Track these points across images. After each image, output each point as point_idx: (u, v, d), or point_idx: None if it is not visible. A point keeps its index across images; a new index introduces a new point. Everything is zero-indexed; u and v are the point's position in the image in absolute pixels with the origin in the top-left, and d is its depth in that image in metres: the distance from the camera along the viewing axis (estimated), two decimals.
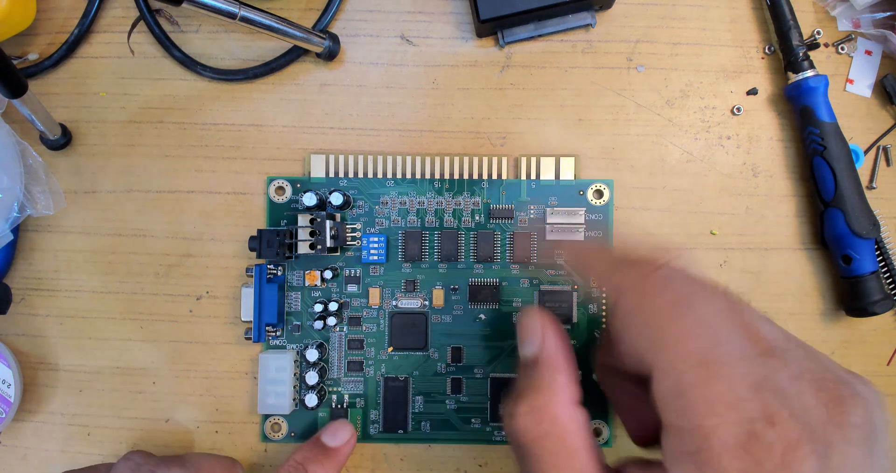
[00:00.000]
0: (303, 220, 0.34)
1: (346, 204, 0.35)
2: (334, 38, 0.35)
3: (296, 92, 0.36)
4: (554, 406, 0.24)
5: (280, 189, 0.36)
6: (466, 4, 0.36)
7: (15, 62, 0.35)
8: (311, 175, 0.35)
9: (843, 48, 0.36)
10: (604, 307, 0.35)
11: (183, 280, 0.36)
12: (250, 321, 0.34)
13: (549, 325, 0.27)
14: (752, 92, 0.36)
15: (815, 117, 0.34)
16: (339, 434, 0.32)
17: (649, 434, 0.26)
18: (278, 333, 0.35)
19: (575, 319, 0.35)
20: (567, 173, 0.36)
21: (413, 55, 0.36)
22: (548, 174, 0.35)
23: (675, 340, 0.22)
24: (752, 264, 0.36)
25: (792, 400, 0.20)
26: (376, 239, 0.35)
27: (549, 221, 0.35)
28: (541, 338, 0.26)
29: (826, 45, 0.36)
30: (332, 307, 0.35)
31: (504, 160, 0.36)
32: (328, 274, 0.34)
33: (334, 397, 0.35)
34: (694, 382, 0.21)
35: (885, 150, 0.36)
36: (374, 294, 0.35)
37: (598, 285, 0.34)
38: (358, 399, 0.35)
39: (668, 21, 0.36)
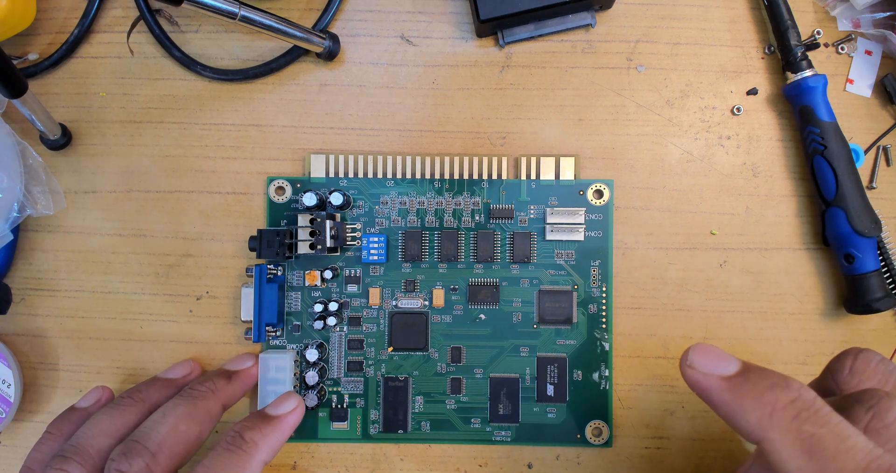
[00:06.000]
0: (303, 220, 0.34)
1: (346, 204, 0.35)
2: (334, 38, 0.35)
3: (296, 92, 0.36)
4: None
5: (280, 189, 0.36)
6: (466, 4, 0.36)
7: (15, 62, 0.35)
8: (311, 175, 0.35)
9: (843, 48, 0.36)
10: (604, 307, 0.35)
11: (183, 280, 0.36)
12: (250, 321, 0.34)
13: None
14: (752, 92, 0.36)
15: (814, 117, 0.34)
16: (282, 405, 0.31)
17: None
18: (278, 333, 0.35)
19: (575, 319, 0.35)
20: (567, 173, 0.36)
21: (413, 55, 0.36)
22: (548, 174, 0.35)
23: None
24: (752, 264, 0.36)
25: None
26: (376, 239, 0.35)
27: (549, 221, 0.35)
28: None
29: (826, 45, 0.36)
30: (332, 306, 0.35)
31: (504, 160, 0.36)
32: (328, 274, 0.34)
33: (334, 397, 0.35)
34: None
35: (885, 150, 0.36)
36: (374, 294, 0.35)
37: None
38: (358, 399, 0.35)
39: (668, 21, 0.36)
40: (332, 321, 0.34)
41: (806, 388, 0.22)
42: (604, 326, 0.35)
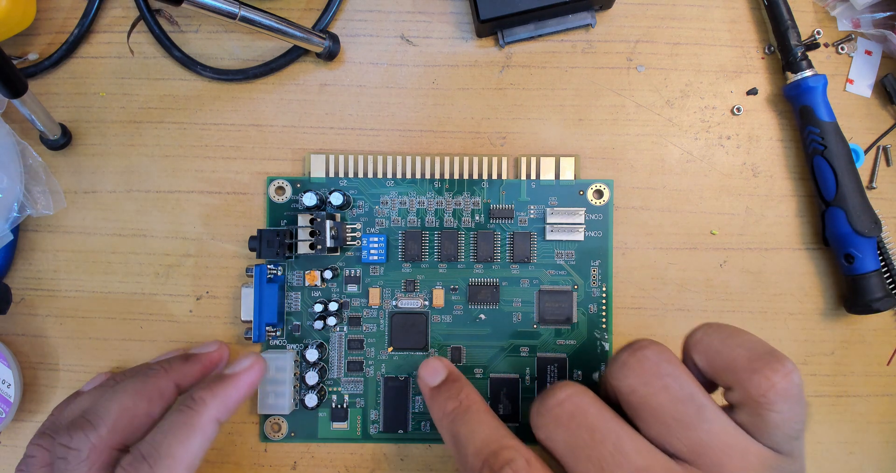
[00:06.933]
0: (303, 220, 0.34)
1: (346, 204, 0.35)
2: (334, 38, 0.35)
3: (296, 92, 0.36)
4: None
5: (280, 189, 0.36)
6: (466, 4, 0.36)
7: (15, 62, 0.35)
8: (311, 175, 0.35)
9: (843, 48, 0.36)
10: (604, 307, 0.35)
11: (183, 280, 0.36)
12: (250, 321, 0.34)
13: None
14: (752, 92, 0.36)
15: (814, 117, 0.34)
16: (237, 364, 0.30)
17: None
18: (278, 333, 0.35)
19: (575, 319, 0.35)
20: (567, 173, 0.36)
21: (413, 55, 0.36)
22: (548, 174, 0.35)
23: None
24: (752, 264, 0.36)
25: None
26: (376, 239, 0.35)
27: (549, 221, 0.35)
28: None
29: (826, 45, 0.36)
30: (332, 307, 0.35)
31: (504, 160, 0.36)
32: (328, 274, 0.34)
33: (334, 397, 0.35)
34: None
35: (885, 150, 0.36)
36: (374, 294, 0.35)
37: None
38: (358, 399, 0.35)
39: (668, 21, 0.36)
40: (332, 321, 0.34)
41: (467, 395, 0.29)
42: (604, 326, 0.35)
